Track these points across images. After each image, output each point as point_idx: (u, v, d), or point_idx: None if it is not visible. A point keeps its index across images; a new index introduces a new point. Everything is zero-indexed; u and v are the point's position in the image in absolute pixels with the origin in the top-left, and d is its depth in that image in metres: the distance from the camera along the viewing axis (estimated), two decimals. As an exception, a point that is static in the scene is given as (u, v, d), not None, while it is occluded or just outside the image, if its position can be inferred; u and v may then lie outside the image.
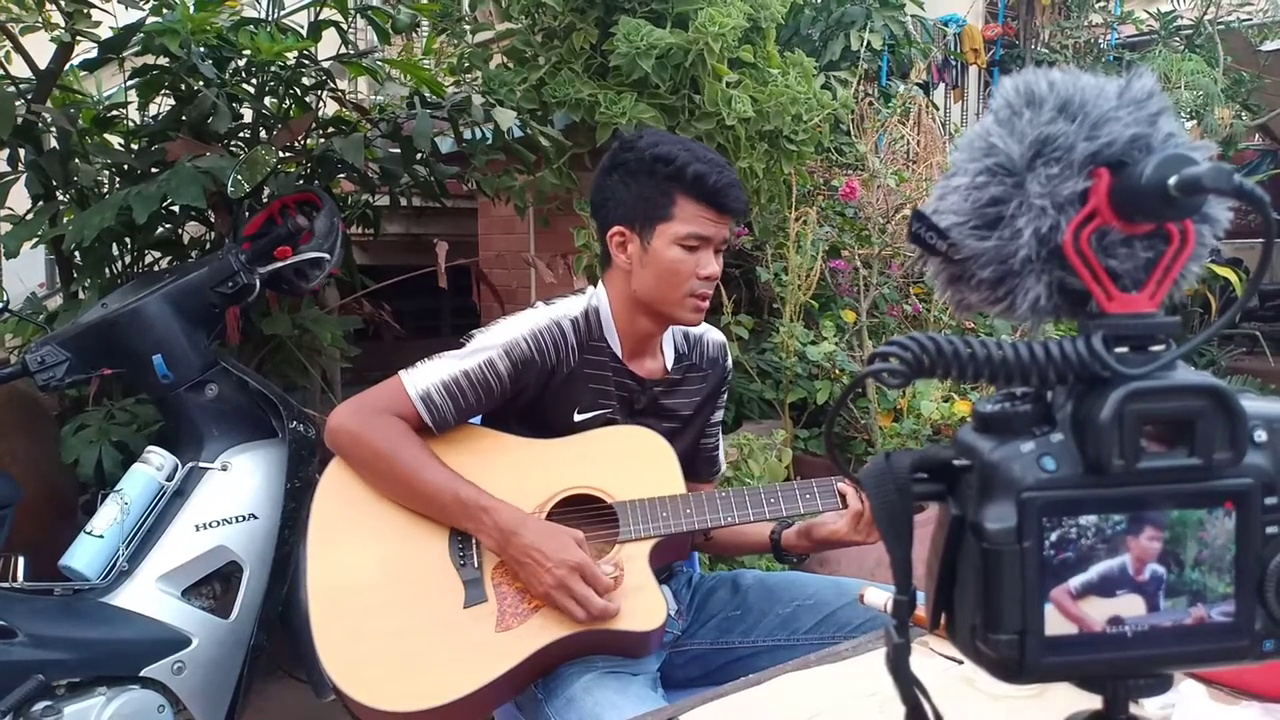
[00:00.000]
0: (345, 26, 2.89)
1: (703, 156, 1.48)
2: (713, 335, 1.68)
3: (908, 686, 0.48)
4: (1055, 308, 0.48)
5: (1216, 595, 0.45)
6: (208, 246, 2.81)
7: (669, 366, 1.61)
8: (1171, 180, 0.43)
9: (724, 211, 1.49)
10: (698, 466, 1.70)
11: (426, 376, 1.44)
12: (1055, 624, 0.44)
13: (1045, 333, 0.49)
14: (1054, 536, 0.44)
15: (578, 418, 1.51)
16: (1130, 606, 0.45)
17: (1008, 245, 0.47)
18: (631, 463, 1.48)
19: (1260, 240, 0.46)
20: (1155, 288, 0.47)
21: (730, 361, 1.71)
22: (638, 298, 1.52)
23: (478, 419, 1.54)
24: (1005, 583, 0.44)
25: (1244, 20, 6.00)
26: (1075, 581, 0.44)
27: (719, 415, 1.72)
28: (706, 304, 1.52)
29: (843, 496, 1.47)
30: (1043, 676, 0.45)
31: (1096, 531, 0.44)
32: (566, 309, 1.52)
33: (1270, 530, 0.45)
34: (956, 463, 0.47)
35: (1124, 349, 0.46)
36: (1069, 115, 0.47)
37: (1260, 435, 0.46)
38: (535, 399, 1.50)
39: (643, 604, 1.38)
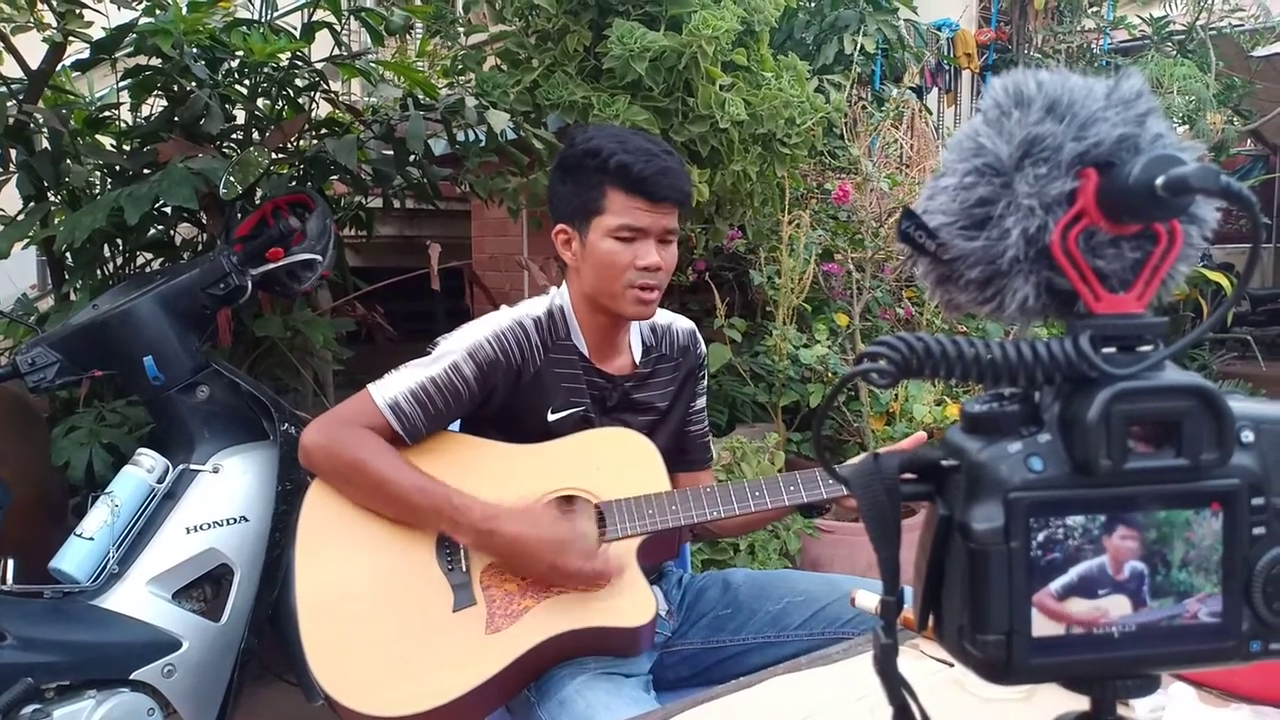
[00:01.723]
0: (338, 28, 2.88)
1: (633, 147, 1.46)
2: (681, 324, 1.68)
3: (895, 687, 0.48)
4: (1043, 308, 0.48)
5: (1203, 596, 0.45)
6: (200, 248, 2.80)
7: (637, 360, 1.61)
8: (1159, 180, 0.43)
9: (657, 200, 1.47)
10: (691, 455, 1.71)
11: (394, 386, 1.43)
12: (1042, 624, 0.44)
13: (1035, 333, 0.49)
14: (1041, 537, 0.44)
15: (551, 417, 1.51)
16: (1117, 607, 0.45)
17: (996, 245, 0.47)
18: (616, 463, 1.48)
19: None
20: (1143, 288, 0.47)
21: (702, 347, 1.71)
22: (586, 294, 1.53)
23: (456, 426, 1.54)
24: (992, 583, 0.44)
25: (1235, 26, 6.03)
26: (1062, 582, 0.44)
27: (701, 402, 1.72)
28: (653, 295, 1.50)
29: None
30: (1030, 677, 0.45)
31: (1084, 532, 0.44)
32: (529, 309, 1.53)
33: (1257, 531, 0.45)
34: (944, 463, 0.47)
35: (1111, 349, 0.46)
36: (1057, 115, 0.47)
37: (1247, 436, 0.46)
38: (506, 401, 1.49)
39: (631, 600, 1.38)
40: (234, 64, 2.75)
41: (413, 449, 1.45)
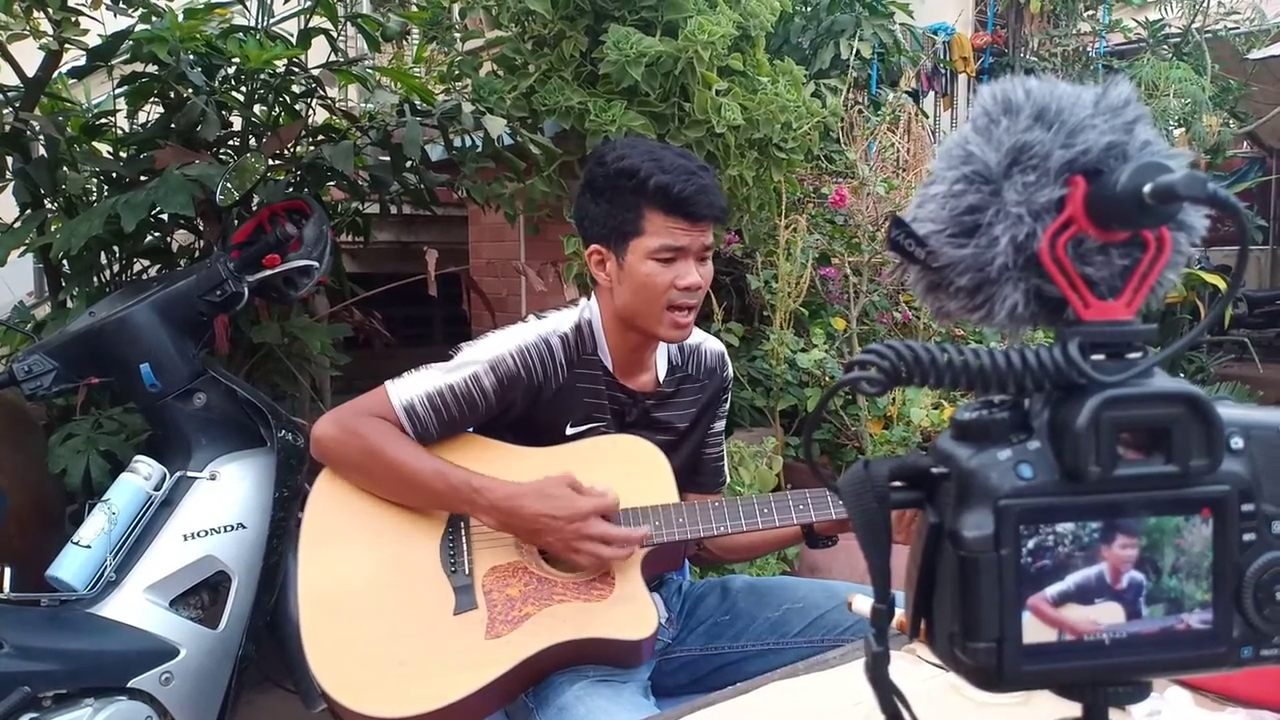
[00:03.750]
0: (335, 34, 2.88)
1: (669, 166, 1.43)
2: (711, 345, 1.66)
3: (887, 694, 0.48)
4: (1032, 315, 0.48)
5: (1194, 602, 0.45)
6: (196, 254, 2.80)
7: (661, 379, 1.59)
8: (1146, 188, 0.44)
9: (697, 219, 1.45)
10: (703, 478, 1.69)
11: (411, 388, 1.43)
12: (1033, 631, 0.44)
13: (1030, 340, 0.50)
14: (1031, 544, 0.44)
15: (570, 431, 1.50)
16: (1108, 614, 0.45)
17: (985, 253, 0.47)
18: (625, 471, 1.47)
19: (1250, 248, 0.46)
20: (1132, 295, 0.47)
21: (730, 371, 1.68)
22: (620, 314, 1.50)
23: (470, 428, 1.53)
24: (983, 590, 0.44)
25: (1231, 29, 6.04)
26: (1053, 589, 0.44)
27: (720, 425, 1.70)
28: (689, 317, 1.49)
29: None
30: (1021, 684, 0.45)
31: (1074, 539, 0.44)
32: (557, 324, 1.50)
33: (1247, 537, 0.45)
34: (934, 470, 0.47)
35: (1100, 356, 0.46)
36: (1045, 123, 0.47)
37: (1237, 442, 0.46)
38: (525, 414, 1.49)
39: (634, 612, 1.38)
40: (230, 71, 2.74)
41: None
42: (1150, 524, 0.45)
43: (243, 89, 2.79)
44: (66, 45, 2.43)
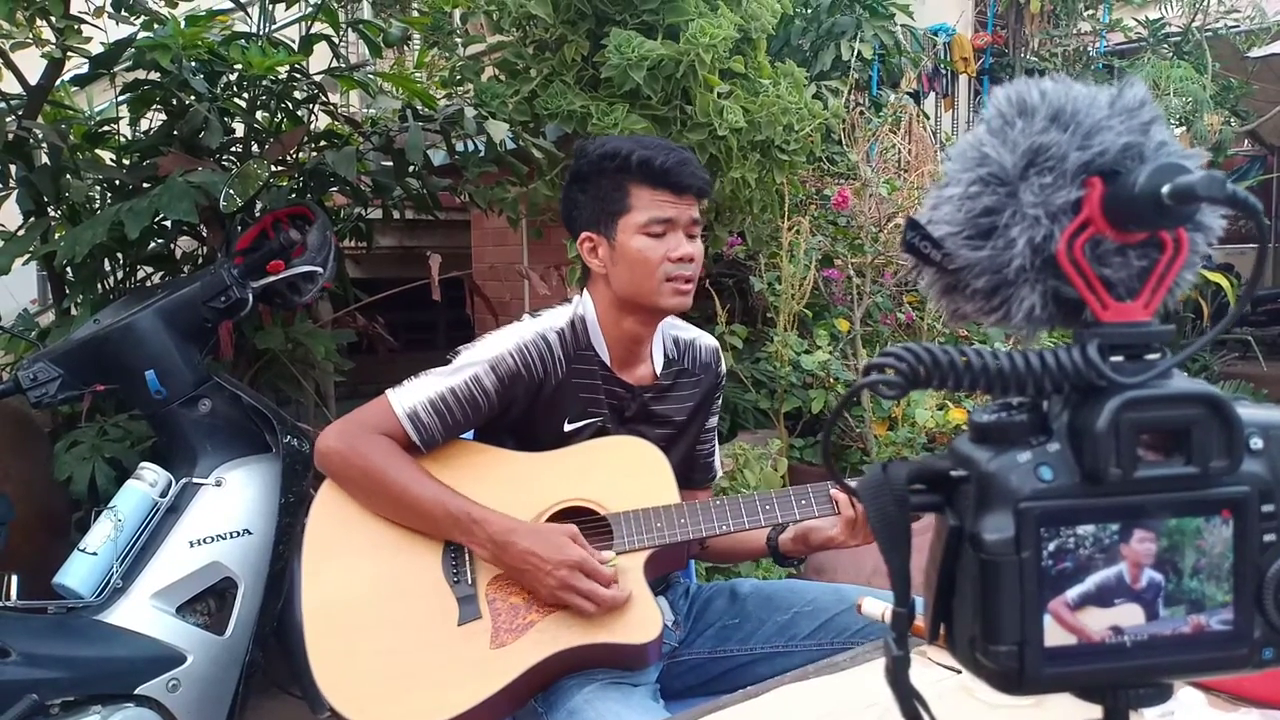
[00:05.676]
0: (337, 40, 2.89)
1: (648, 143, 1.49)
2: (705, 340, 1.68)
3: (907, 699, 0.48)
4: (1050, 317, 0.48)
5: (1215, 604, 0.45)
6: (200, 261, 2.80)
7: (658, 372, 1.60)
8: (1164, 189, 0.43)
9: (681, 191, 1.48)
10: (693, 474, 1.69)
11: (413, 395, 1.43)
12: (1054, 634, 0.44)
13: (1040, 341, 0.49)
14: (1052, 546, 0.44)
15: (568, 427, 1.50)
16: (1129, 616, 0.45)
17: (1002, 255, 0.47)
18: (625, 473, 1.47)
19: (1251, 245, 0.46)
20: (1150, 296, 0.47)
21: (724, 366, 1.70)
22: (619, 297, 1.51)
23: (470, 434, 1.53)
24: (1004, 593, 0.44)
25: (1231, 27, 6.04)
26: (1074, 591, 0.44)
27: (713, 421, 1.71)
28: (689, 287, 1.51)
29: (836, 503, 1.46)
30: (1042, 688, 0.45)
31: (1094, 541, 0.44)
32: (552, 321, 1.52)
33: (1268, 538, 0.45)
34: (953, 473, 0.47)
35: (1119, 358, 0.46)
36: (1061, 124, 0.47)
37: (1257, 443, 0.46)
38: (525, 412, 1.49)
39: (638, 616, 1.37)
40: (233, 77, 2.75)
41: (421, 456, 1.45)
42: (1171, 525, 0.45)
43: (245, 95, 2.80)
44: (69, 53, 2.44)
